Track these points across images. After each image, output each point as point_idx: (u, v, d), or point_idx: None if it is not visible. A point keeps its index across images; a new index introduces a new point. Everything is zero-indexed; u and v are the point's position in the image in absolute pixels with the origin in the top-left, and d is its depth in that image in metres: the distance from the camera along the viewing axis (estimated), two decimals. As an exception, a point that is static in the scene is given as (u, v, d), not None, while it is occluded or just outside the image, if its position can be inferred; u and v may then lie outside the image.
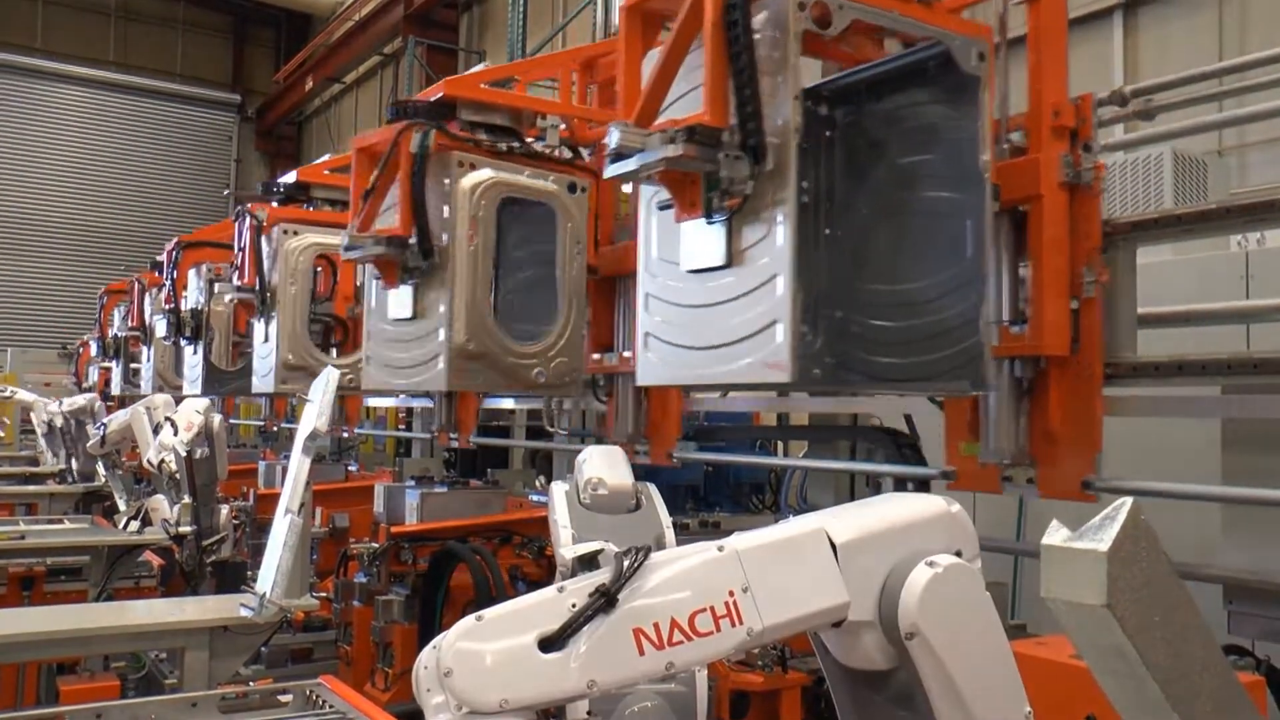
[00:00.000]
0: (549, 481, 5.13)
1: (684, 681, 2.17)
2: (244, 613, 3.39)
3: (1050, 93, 3.08)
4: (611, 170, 2.47)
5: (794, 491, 5.52)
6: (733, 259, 2.49)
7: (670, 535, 2.49)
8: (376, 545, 5.22)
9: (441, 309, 3.74)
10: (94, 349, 11.28)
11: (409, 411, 8.81)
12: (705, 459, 6.76)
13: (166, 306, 6.63)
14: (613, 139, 2.41)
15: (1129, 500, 1.19)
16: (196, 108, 24.59)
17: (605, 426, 4.51)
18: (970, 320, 2.58)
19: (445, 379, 3.70)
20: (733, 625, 1.51)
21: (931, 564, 1.60)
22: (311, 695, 2.83)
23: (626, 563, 1.49)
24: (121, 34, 23.89)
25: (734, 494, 7.12)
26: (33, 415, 6.29)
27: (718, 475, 7.01)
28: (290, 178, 5.61)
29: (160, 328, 6.82)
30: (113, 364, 10.03)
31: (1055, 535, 1.20)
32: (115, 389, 9.71)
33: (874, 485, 4.31)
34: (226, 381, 6.31)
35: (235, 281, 5.34)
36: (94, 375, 11.74)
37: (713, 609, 1.50)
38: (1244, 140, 7.65)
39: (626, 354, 4.20)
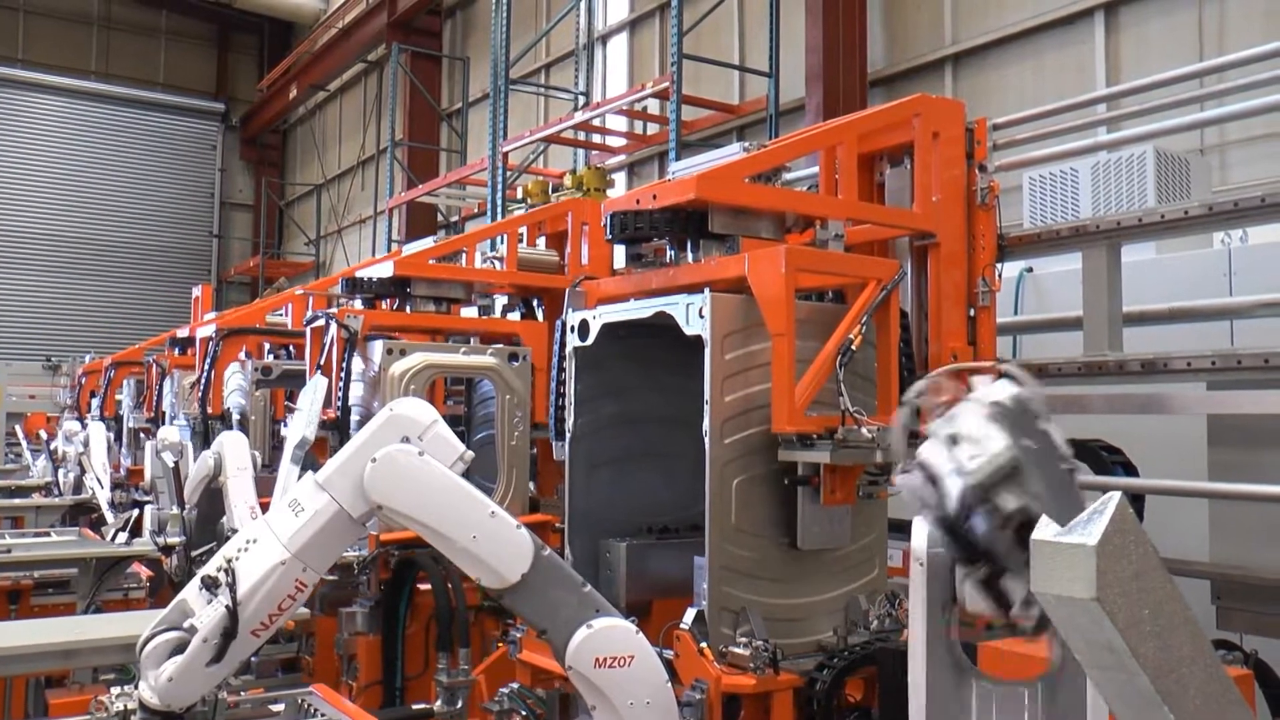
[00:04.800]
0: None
1: None
2: (234, 622, 3.36)
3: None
4: (823, 457, 2.96)
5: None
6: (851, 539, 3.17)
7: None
8: (366, 553, 5.17)
9: None
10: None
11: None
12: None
13: (194, 416, 5.46)
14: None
15: (1116, 494, 1.20)
16: (180, 117, 24.50)
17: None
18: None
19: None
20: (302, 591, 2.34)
21: (373, 460, 2.24)
22: (303, 704, 2.83)
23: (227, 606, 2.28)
24: (104, 43, 23.80)
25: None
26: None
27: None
28: (385, 270, 4.30)
29: (185, 435, 5.33)
30: (120, 448, 8.91)
31: (1044, 530, 1.21)
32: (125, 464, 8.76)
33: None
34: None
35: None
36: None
37: (290, 595, 2.33)
38: (1225, 139, 7.70)
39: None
